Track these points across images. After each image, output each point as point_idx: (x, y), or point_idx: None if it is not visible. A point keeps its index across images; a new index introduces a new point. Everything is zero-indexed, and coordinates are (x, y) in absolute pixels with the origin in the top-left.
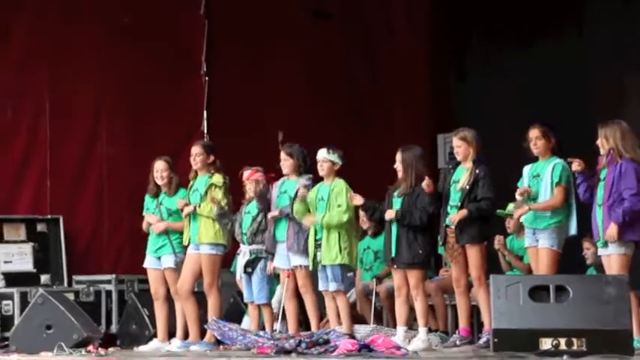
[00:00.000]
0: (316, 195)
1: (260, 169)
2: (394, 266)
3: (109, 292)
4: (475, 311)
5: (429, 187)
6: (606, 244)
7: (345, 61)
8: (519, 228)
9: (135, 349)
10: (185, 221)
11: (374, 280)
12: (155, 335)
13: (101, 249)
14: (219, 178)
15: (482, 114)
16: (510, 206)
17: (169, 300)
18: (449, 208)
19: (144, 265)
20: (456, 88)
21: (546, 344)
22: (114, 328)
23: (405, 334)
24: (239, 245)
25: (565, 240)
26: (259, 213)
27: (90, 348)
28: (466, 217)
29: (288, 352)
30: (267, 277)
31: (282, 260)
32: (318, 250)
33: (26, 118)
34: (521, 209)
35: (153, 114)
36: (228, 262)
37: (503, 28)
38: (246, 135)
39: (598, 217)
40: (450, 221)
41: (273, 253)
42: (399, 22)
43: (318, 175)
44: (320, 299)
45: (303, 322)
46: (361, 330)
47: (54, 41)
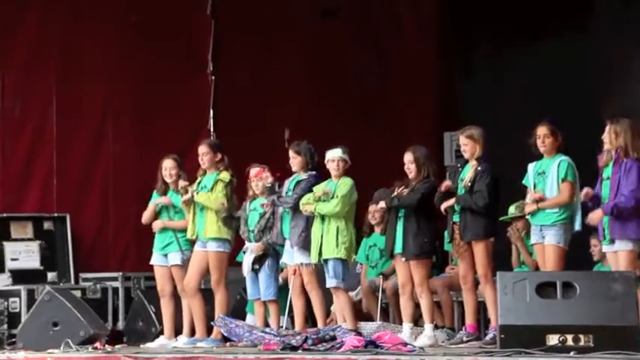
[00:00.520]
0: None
1: (266, 167)
2: (402, 259)
3: (115, 290)
4: (482, 307)
5: (447, 188)
6: (612, 241)
7: (352, 60)
8: (528, 227)
9: (141, 346)
10: (189, 215)
11: (380, 277)
12: (162, 332)
13: (108, 246)
14: (226, 175)
15: (488, 112)
16: (512, 208)
17: (176, 297)
18: (456, 205)
19: (150, 263)
20: (462, 86)
21: (553, 340)
22: (120, 325)
23: (412, 330)
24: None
25: (571, 236)
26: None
27: (97, 345)
28: (452, 205)
29: (294, 348)
30: (275, 274)
31: (289, 256)
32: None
33: (33, 116)
34: (530, 206)
35: (159, 113)
36: (232, 259)
37: (508, 27)
38: (253, 134)
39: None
40: (442, 210)
41: (283, 245)
42: (405, 21)
43: (325, 173)
44: (327, 296)
45: (309, 318)
46: (367, 327)
47: (61, 40)
